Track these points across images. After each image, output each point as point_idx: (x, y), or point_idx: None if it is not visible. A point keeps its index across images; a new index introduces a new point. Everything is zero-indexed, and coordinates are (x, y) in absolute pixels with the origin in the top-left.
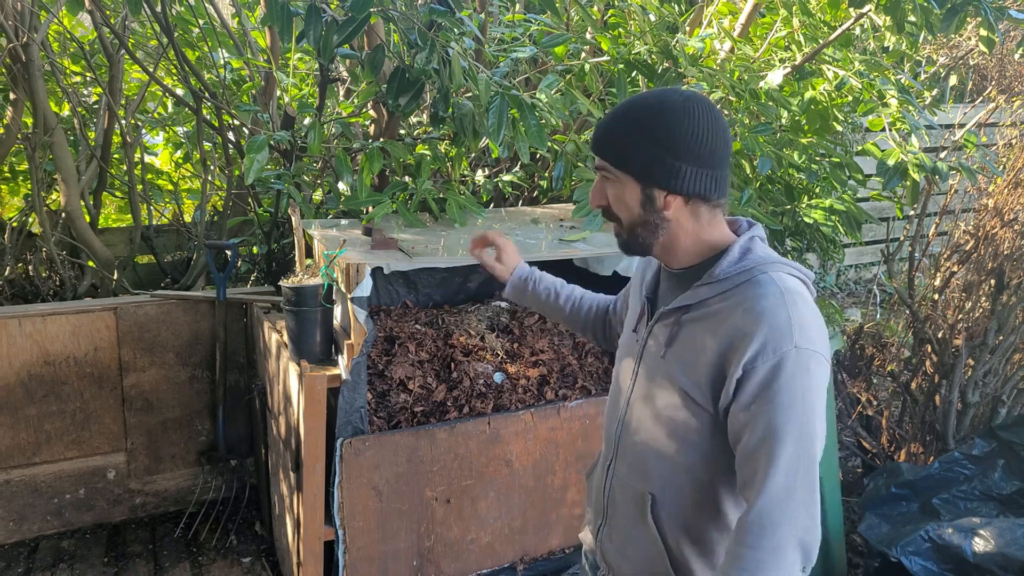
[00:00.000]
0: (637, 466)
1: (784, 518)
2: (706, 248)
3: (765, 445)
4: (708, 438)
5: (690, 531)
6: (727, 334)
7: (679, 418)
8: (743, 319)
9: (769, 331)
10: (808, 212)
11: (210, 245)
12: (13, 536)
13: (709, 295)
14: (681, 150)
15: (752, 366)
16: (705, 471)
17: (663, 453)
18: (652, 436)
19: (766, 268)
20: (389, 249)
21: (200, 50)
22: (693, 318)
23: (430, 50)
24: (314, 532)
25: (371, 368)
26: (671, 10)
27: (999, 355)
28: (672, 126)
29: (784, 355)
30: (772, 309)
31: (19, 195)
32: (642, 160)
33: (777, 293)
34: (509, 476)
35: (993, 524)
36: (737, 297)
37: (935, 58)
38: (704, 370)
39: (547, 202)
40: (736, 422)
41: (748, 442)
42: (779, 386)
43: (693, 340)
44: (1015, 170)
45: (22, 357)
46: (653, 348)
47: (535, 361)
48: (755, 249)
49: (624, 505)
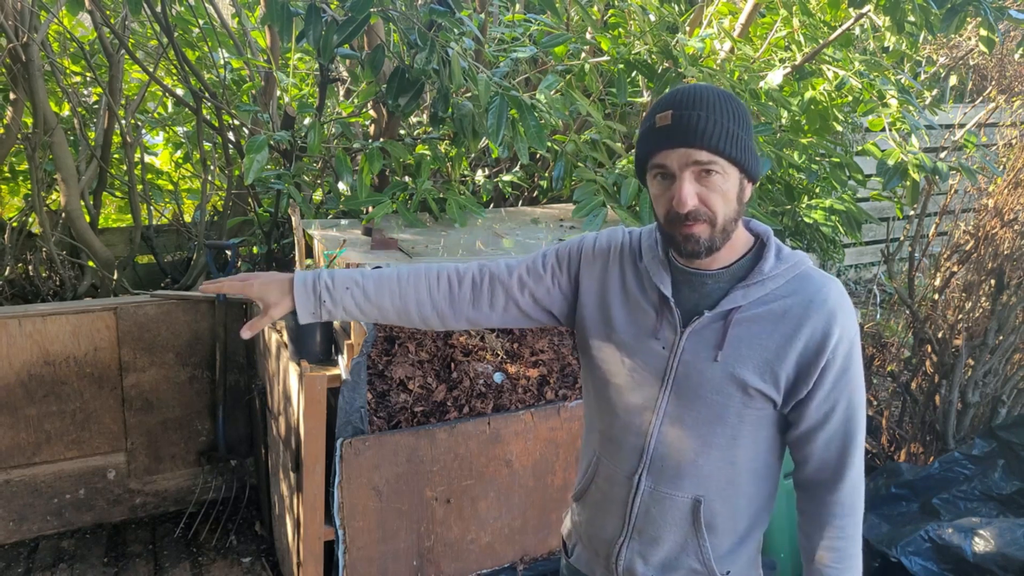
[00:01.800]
0: (685, 473)
1: (861, 482)
2: (741, 244)
3: (850, 424)
4: (767, 429)
5: (739, 528)
6: (807, 329)
7: (742, 414)
8: (820, 313)
9: (843, 319)
10: (808, 212)
11: (210, 245)
12: (13, 536)
13: (762, 293)
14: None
15: (834, 355)
16: (759, 463)
17: (720, 453)
18: (705, 438)
19: (805, 262)
20: (389, 249)
21: (200, 50)
22: (750, 317)
23: (430, 50)
24: (314, 532)
25: (371, 368)
26: (671, 10)
27: (999, 355)
28: (747, 112)
29: (853, 339)
30: (839, 300)
31: (19, 195)
32: (743, 147)
33: (833, 284)
34: (509, 476)
35: (993, 524)
36: (801, 294)
37: (935, 58)
38: (781, 365)
39: (547, 202)
40: (817, 411)
41: (832, 424)
42: (855, 368)
43: (758, 338)
44: (1015, 170)
45: (22, 357)
46: (700, 351)
47: (535, 361)
48: (782, 247)
49: (665, 517)
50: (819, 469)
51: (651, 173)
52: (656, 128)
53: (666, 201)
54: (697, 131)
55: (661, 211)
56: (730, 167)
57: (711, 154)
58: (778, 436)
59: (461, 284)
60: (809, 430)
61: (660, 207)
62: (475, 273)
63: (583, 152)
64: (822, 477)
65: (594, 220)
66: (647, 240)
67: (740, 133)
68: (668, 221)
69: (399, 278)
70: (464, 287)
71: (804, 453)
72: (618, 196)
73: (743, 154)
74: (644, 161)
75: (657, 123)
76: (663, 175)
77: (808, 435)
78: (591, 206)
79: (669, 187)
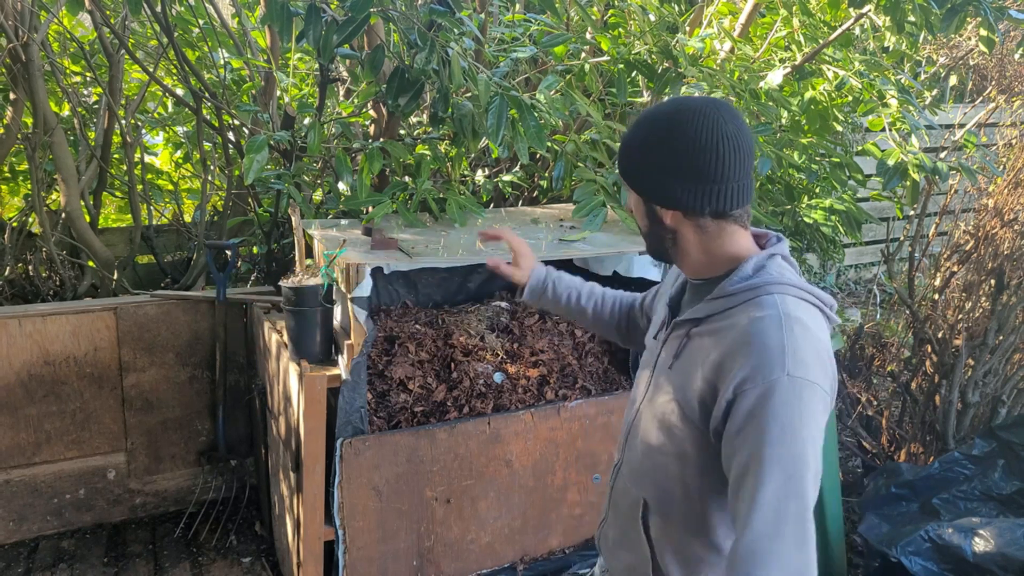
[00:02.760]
0: (637, 471)
1: (772, 556)
2: (723, 260)
3: (751, 476)
4: (698, 453)
5: (676, 542)
6: (722, 353)
7: (675, 430)
8: (737, 339)
9: (759, 355)
10: (808, 212)
11: (210, 245)
12: (13, 536)
13: (716, 310)
14: (676, 167)
15: (742, 390)
16: (695, 485)
17: (660, 461)
18: (652, 444)
19: (773, 289)
20: (389, 249)
21: (200, 50)
22: (699, 332)
23: (430, 50)
24: (314, 532)
25: (371, 368)
26: (671, 10)
27: (999, 355)
28: (672, 142)
29: (773, 383)
30: (765, 332)
31: (19, 195)
32: (639, 177)
33: (775, 317)
34: (509, 476)
35: (993, 524)
36: (737, 316)
37: (935, 58)
38: (698, 386)
39: (547, 202)
40: (727, 447)
41: (736, 470)
42: (768, 415)
43: (695, 355)
44: (1015, 170)
45: (22, 357)
46: (664, 358)
47: (535, 361)
48: (769, 267)
49: (622, 507)
50: (732, 517)
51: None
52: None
53: None
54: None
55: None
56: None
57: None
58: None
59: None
60: (724, 468)
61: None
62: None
63: (583, 152)
64: (734, 526)
65: (594, 220)
66: None
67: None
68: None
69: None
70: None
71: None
72: (618, 196)
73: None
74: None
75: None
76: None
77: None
78: (591, 206)
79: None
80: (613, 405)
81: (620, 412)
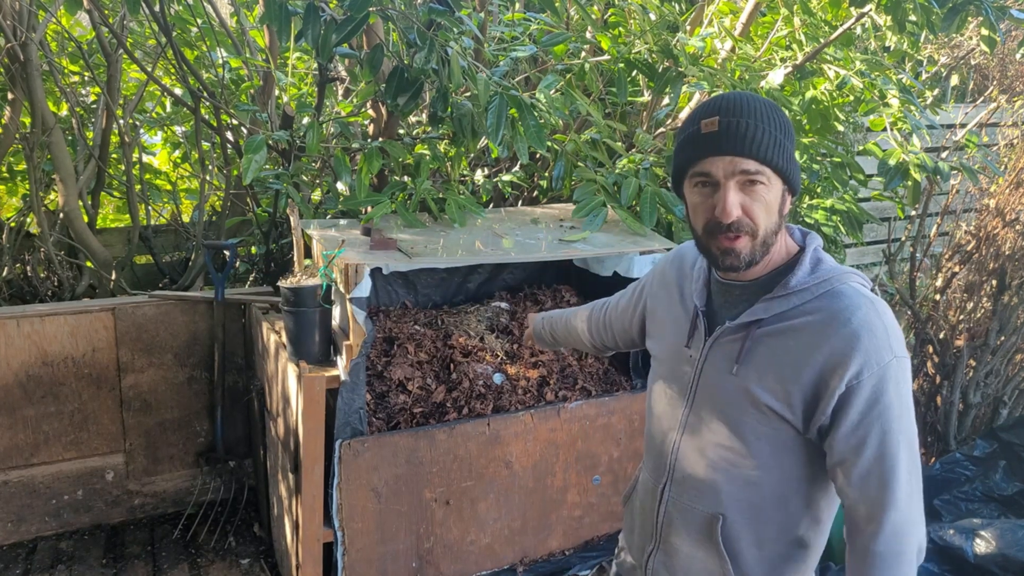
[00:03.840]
0: (703, 488)
1: (912, 529)
2: (780, 256)
3: (884, 461)
4: (792, 453)
5: (760, 548)
6: (825, 350)
7: (758, 432)
8: (840, 334)
9: (870, 344)
10: (809, 212)
11: (208, 245)
12: (11, 537)
13: (785, 308)
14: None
15: (857, 381)
16: (783, 487)
17: (736, 472)
18: (722, 455)
19: (843, 279)
20: (388, 249)
21: (198, 49)
22: (770, 332)
23: (429, 49)
24: (313, 533)
25: (370, 369)
26: (671, 9)
27: (1000, 356)
28: (791, 123)
29: (887, 367)
30: (867, 321)
31: (17, 195)
32: (789, 159)
33: (866, 304)
34: (509, 477)
35: (994, 525)
36: (825, 311)
37: (936, 58)
38: (795, 386)
39: (547, 202)
40: (845, 443)
41: (862, 461)
42: (888, 399)
43: (775, 355)
44: (1016, 170)
45: (20, 358)
46: (719, 364)
47: (535, 362)
48: (825, 259)
49: (686, 528)
50: (853, 509)
51: (691, 181)
52: (702, 134)
53: (707, 210)
54: (746, 139)
55: (700, 221)
56: (775, 178)
57: (759, 164)
58: (811, 465)
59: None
60: (839, 464)
61: (699, 216)
62: (599, 314)
63: (583, 152)
64: (857, 518)
65: (594, 220)
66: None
67: (787, 144)
68: (708, 231)
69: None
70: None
71: (840, 490)
72: (618, 196)
73: (788, 165)
74: (684, 169)
75: (703, 129)
76: (704, 183)
77: (839, 470)
78: (591, 206)
79: (710, 196)
80: (613, 406)
81: (620, 413)
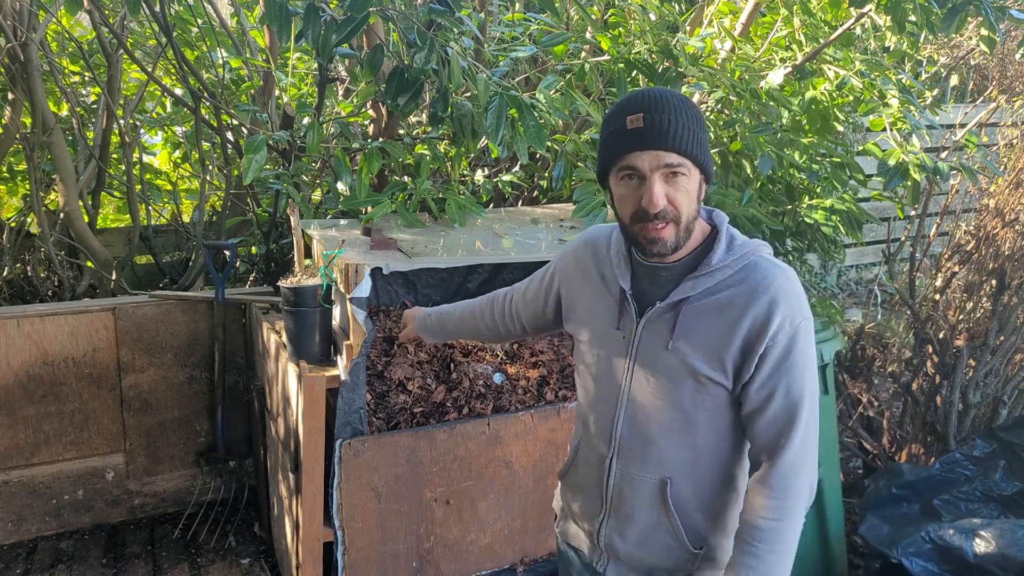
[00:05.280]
0: (649, 455)
1: (803, 468)
2: (696, 237)
3: (789, 409)
4: (724, 413)
5: (709, 505)
6: (750, 316)
7: (695, 400)
8: (761, 301)
9: (786, 307)
10: (809, 212)
11: (209, 245)
12: (12, 537)
13: (710, 284)
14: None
15: (774, 340)
16: (721, 445)
17: (678, 437)
18: (664, 423)
19: (756, 251)
20: (388, 249)
21: (199, 50)
22: (699, 307)
23: (429, 50)
24: (313, 533)
25: (370, 369)
26: (671, 9)
27: (1000, 356)
28: (702, 114)
29: (798, 327)
30: (783, 288)
31: (17, 195)
32: (704, 149)
33: (780, 273)
34: (509, 477)
35: (994, 525)
36: (746, 283)
37: (936, 58)
38: (727, 352)
39: (547, 202)
40: (758, 394)
41: (772, 408)
42: (796, 355)
43: (706, 327)
44: (1016, 170)
45: (20, 357)
46: (653, 341)
47: (535, 362)
48: (736, 236)
49: (636, 497)
50: (759, 451)
51: (617, 174)
52: (627, 130)
53: (634, 201)
54: (669, 134)
55: (628, 211)
56: (694, 168)
57: (681, 156)
58: (737, 418)
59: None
60: (751, 412)
61: (626, 207)
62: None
63: (583, 152)
64: (761, 459)
65: (594, 220)
66: (616, 236)
67: (702, 136)
68: (634, 220)
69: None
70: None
71: (749, 435)
72: None
73: (704, 156)
74: (611, 163)
75: (628, 125)
76: (631, 176)
77: (750, 417)
78: (591, 206)
79: (637, 188)
80: None
81: None
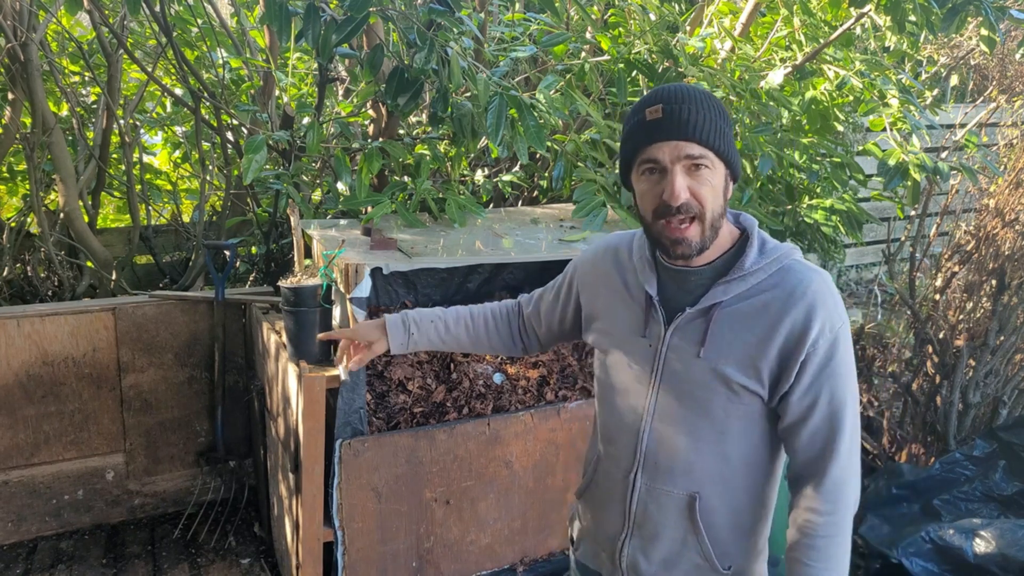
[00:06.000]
0: (678, 470)
1: (851, 478)
2: (725, 240)
3: (832, 418)
4: (757, 423)
5: (740, 523)
6: (787, 322)
7: (728, 409)
8: (799, 306)
9: (825, 313)
10: (809, 212)
11: (209, 245)
12: (11, 537)
13: (743, 288)
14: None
15: (815, 347)
16: (754, 457)
17: (709, 448)
18: (695, 433)
19: (789, 255)
20: (388, 249)
21: (199, 50)
22: (732, 313)
23: (429, 50)
24: (313, 533)
25: (370, 369)
26: (671, 9)
27: (1000, 356)
28: (727, 111)
29: (838, 332)
30: (821, 292)
31: (17, 195)
32: (730, 144)
33: (817, 277)
34: (509, 477)
35: (994, 525)
36: (781, 288)
37: (936, 58)
38: (763, 361)
39: (547, 202)
40: (799, 403)
41: (815, 418)
42: (837, 361)
43: (740, 333)
44: (1016, 170)
45: (20, 357)
46: (683, 348)
47: (535, 362)
48: (767, 239)
49: (663, 513)
50: (804, 464)
51: (639, 169)
52: (647, 122)
53: (655, 196)
54: (689, 124)
55: (650, 207)
56: (718, 162)
57: (702, 148)
58: (771, 430)
59: (510, 327)
60: (792, 424)
61: (648, 203)
62: (514, 315)
63: (583, 152)
64: (806, 472)
65: (594, 220)
66: (638, 241)
67: (726, 130)
68: (656, 216)
69: (471, 315)
70: (511, 329)
71: (790, 447)
72: (618, 196)
73: (729, 150)
74: (632, 158)
75: (647, 117)
76: (652, 170)
77: (792, 429)
78: (591, 206)
79: (659, 182)
80: None
81: None
